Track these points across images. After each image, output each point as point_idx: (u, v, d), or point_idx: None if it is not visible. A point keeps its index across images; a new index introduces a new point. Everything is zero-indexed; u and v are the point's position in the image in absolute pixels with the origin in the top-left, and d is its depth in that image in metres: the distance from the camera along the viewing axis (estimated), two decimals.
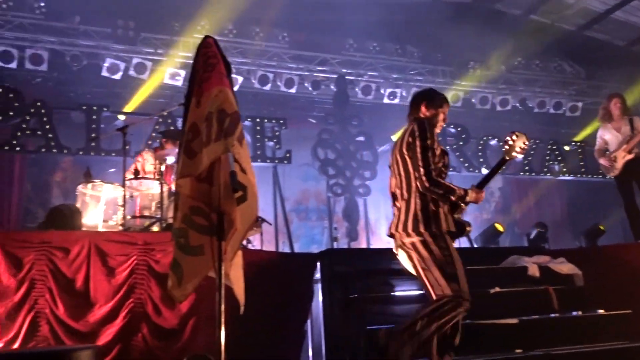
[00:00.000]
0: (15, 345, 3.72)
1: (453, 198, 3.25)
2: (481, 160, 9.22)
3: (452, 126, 9.20)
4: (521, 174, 9.60)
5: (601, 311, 5.15)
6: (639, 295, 5.07)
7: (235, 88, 8.77)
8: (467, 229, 3.38)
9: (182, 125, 2.38)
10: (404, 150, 3.37)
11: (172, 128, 7.82)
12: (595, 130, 10.10)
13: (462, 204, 3.34)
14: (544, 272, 5.57)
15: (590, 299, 5.29)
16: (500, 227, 7.81)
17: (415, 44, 10.17)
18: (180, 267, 2.18)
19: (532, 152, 9.56)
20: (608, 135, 6.48)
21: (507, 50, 9.85)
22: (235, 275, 2.28)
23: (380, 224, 9.98)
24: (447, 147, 8.94)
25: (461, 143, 9.16)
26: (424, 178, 3.20)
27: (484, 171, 9.24)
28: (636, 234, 6.10)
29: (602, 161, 6.53)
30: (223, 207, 2.10)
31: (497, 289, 5.17)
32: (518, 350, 4.44)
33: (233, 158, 2.03)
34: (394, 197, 3.52)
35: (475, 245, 7.77)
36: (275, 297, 4.44)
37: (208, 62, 2.28)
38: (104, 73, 8.35)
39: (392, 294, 5.05)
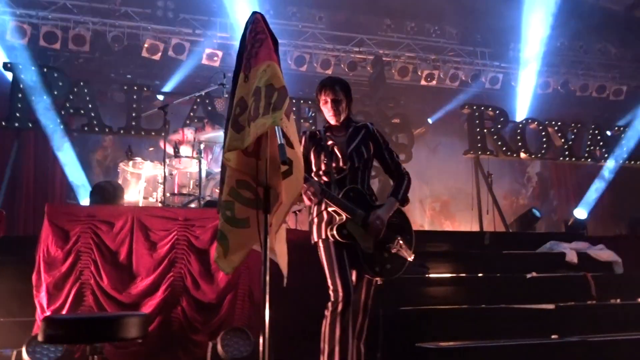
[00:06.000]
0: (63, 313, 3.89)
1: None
2: (519, 144, 9.03)
3: (490, 109, 9.02)
4: (561, 159, 9.36)
5: None
6: None
7: None
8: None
9: (229, 99, 2.42)
10: None
11: (209, 109, 7.93)
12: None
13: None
14: (583, 258, 5.51)
15: (629, 287, 5.19)
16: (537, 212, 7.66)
17: (454, 25, 9.98)
18: (226, 238, 2.24)
19: (572, 137, 9.30)
20: None
21: (549, 30, 9.57)
22: (280, 249, 2.34)
23: (414, 207, 9.95)
24: (485, 131, 8.78)
25: (499, 126, 8.97)
26: None
27: (522, 155, 9.05)
28: None
29: None
30: (269, 180, 2.14)
31: (534, 274, 5.13)
32: (554, 336, 4.40)
33: (281, 132, 2.05)
34: None
35: (511, 230, 7.67)
36: (310, 275, 4.49)
37: (256, 38, 2.29)
38: (144, 54, 8.49)
39: (426, 276, 5.06)
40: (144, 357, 3.83)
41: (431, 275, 5.09)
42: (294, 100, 8.56)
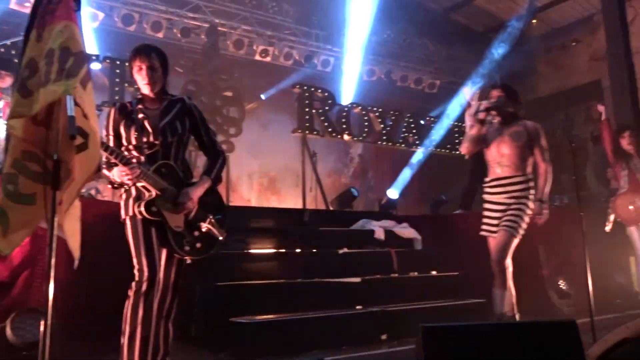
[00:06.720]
0: None
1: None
2: (344, 126, 9.53)
3: (319, 90, 9.34)
4: (379, 142, 10.09)
5: (434, 272, 5.72)
6: (467, 259, 5.68)
7: (95, 25, 8.13)
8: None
9: (19, 59, 2.13)
10: None
11: (15, 60, 6.99)
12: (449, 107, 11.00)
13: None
14: (389, 235, 6.02)
15: (426, 261, 5.83)
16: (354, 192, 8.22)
17: (292, 4, 10.09)
18: (6, 215, 1.99)
19: (390, 123, 10.07)
20: None
21: (378, 22, 10.17)
22: (71, 228, 2.13)
23: (241, 181, 9.98)
24: (313, 111, 9.06)
25: (327, 108, 9.34)
26: None
27: (346, 137, 9.55)
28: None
29: None
30: (60, 154, 1.93)
31: (346, 250, 5.49)
32: (358, 307, 4.78)
33: (73, 103, 1.85)
34: None
35: (331, 208, 8.10)
36: (120, 253, 4.26)
37: None
38: None
39: (246, 251, 5.12)
40: None
41: (251, 251, 5.16)
42: (117, 62, 7.95)
